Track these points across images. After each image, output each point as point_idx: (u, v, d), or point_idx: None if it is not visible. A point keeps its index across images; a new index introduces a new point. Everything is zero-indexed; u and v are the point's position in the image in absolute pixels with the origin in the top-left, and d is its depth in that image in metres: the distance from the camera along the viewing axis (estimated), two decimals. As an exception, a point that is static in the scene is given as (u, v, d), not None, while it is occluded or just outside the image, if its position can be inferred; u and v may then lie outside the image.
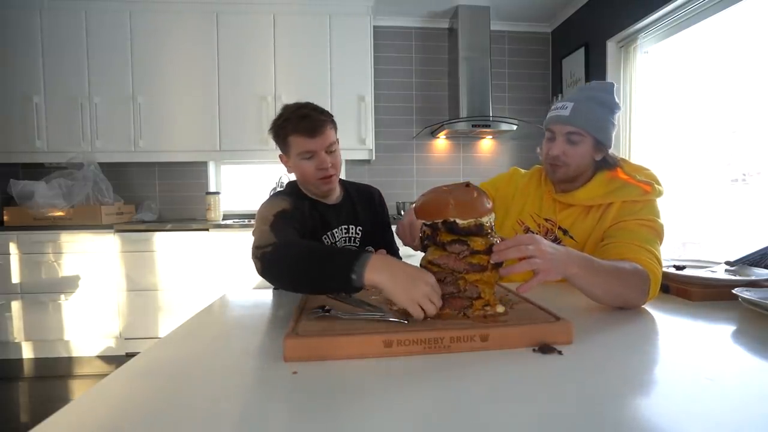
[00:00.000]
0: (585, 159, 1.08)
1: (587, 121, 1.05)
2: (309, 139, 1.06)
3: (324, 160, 1.08)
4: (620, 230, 1.00)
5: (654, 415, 0.47)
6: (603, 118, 1.06)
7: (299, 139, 1.06)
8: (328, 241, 1.16)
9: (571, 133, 1.06)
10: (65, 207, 2.64)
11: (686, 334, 0.77)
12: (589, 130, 1.05)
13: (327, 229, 1.16)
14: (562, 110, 1.06)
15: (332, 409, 0.48)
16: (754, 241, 1.54)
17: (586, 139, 1.06)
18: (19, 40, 2.77)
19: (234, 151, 2.95)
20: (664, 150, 2.56)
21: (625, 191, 1.05)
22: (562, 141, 1.07)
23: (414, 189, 3.41)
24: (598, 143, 1.07)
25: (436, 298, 0.69)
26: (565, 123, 1.06)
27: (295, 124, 1.06)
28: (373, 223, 1.26)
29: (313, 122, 1.06)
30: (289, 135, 1.08)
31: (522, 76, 3.48)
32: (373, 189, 1.34)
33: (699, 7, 2.16)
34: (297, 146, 1.07)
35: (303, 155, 1.08)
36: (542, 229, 1.17)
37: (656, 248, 0.96)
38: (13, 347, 2.66)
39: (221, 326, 0.86)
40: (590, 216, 1.09)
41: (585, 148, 1.06)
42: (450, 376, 0.57)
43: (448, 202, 0.74)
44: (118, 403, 0.51)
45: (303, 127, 1.05)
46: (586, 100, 1.06)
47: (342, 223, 1.19)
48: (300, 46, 2.93)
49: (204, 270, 2.67)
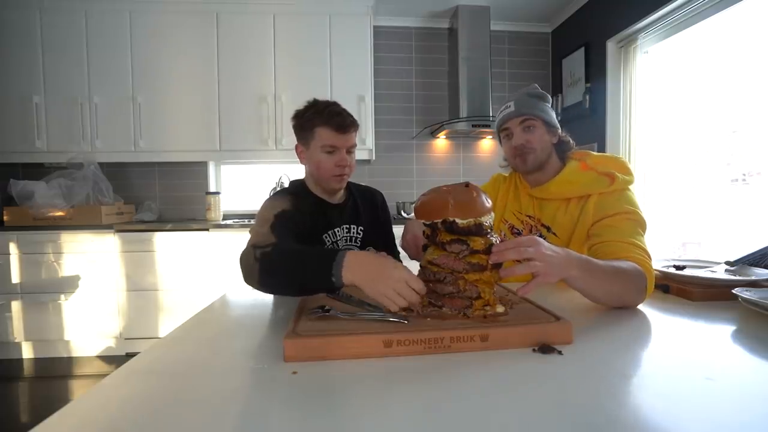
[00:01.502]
0: (544, 141, 1.17)
1: (532, 108, 1.16)
2: (337, 134, 1.10)
3: (344, 158, 1.12)
4: (605, 228, 1.02)
5: (654, 414, 0.47)
6: (541, 105, 1.18)
7: (327, 132, 1.10)
8: (329, 239, 1.17)
9: (524, 121, 1.16)
10: (65, 207, 2.64)
11: (686, 334, 0.77)
12: (536, 114, 1.16)
13: (329, 228, 1.18)
14: (508, 109, 1.18)
15: (332, 409, 0.48)
16: (754, 241, 1.54)
17: (538, 122, 1.16)
18: (19, 40, 2.77)
19: (234, 151, 2.95)
20: (664, 150, 2.56)
21: (597, 182, 1.09)
22: (519, 131, 1.16)
23: (414, 189, 3.41)
24: (548, 126, 1.17)
25: (407, 290, 0.70)
26: (516, 116, 1.16)
27: (327, 118, 1.10)
28: (374, 225, 1.28)
29: (345, 120, 1.11)
30: (317, 126, 1.11)
31: (522, 76, 3.48)
32: (375, 191, 1.36)
33: (699, 7, 2.16)
34: (323, 138, 1.10)
35: (326, 148, 1.11)
36: (526, 225, 1.22)
37: (642, 241, 0.99)
38: (13, 347, 2.66)
39: (221, 326, 0.86)
40: (570, 209, 1.13)
41: (540, 131, 1.16)
42: (450, 376, 0.57)
43: (447, 202, 0.74)
44: (118, 403, 0.51)
45: (335, 122, 1.09)
46: (522, 96, 1.19)
47: (344, 223, 1.21)
48: (300, 46, 2.93)
49: (204, 270, 2.67)
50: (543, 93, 1.21)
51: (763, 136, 2.02)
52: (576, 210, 1.12)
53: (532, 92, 1.20)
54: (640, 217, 1.03)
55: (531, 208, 1.22)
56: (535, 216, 1.20)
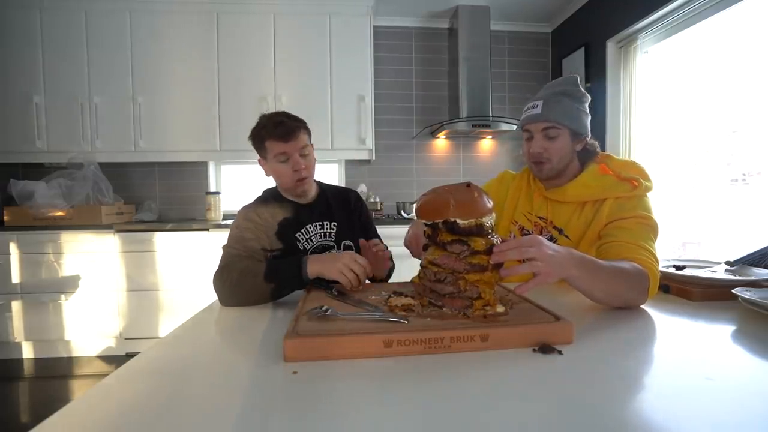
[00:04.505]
0: (565, 151, 1.10)
1: (559, 114, 1.08)
2: (284, 142, 1.15)
3: (297, 162, 1.17)
4: (617, 229, 1.01)
5: (654, 414, 0.47)
6: (573, 109, 1.09)
7: (275, 143, 1.16)
8: (302, 236, 1.21)
9: (547, 128, 1.09)
10: (65, 207, 2.64)
11: (686, 334, 0.77)
12: (562, 122, 1.08)
13: (300, 226, 1.22)
14: (534, 109, 1.10)
15: (332, 409, 0.48)
16: (754, 241, 1.54)
17: (563, 131, 1.09)
18: (19, 39, 2.77)
19: (234, 151, 2.94)
20: (664, 150, 2.56)
21: (616, 187, 1.06)
22: (540, 138, 1.10)
23: (414, 189, 3.40)
24: (574, 134, 1.10)
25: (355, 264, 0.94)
26: (539, 120, 1.09)
27: (271, 130, 1.16)
28: (349, 221, 1.31)
29: (287, 127, 1.16)
30: (265, 140, 1.17)
31: (522, 76, 3.47)
32: (350, 190, 1.40)
33: (699, 7, 2.16)
34: (273, 149, 1.17)
35: (279, 158, 1.17)
36: (536, 227, 1.18)
37: (652, 246, 0.97)
38: (14, 347, 2.66)
39: (221, 326, 0.86)
40: (585, 212, 1.10)
41: (563, 141, 1.09)
42: (450, 376, 0.57)
43: (448, 202, 0.74)
44: (118, 403, 0.51)
45: (278, 132, 1.15)
46: (553, 95, 1.10)
47: (316, 220, 1.25)
48: (300, 46, 2.93)
49: (204, 270, 2.67)
50: (579, 93, 1.11)
51: (763, 136, 2.02)
52: (590, 213, 1.09)
53: (567, 91, 1.10)
54: (653, 223, 1.01)
55: (543, 210, 1.18)
56: (548, 218, 1.16)
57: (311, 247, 1.21)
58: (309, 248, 1.21)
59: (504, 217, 1.26)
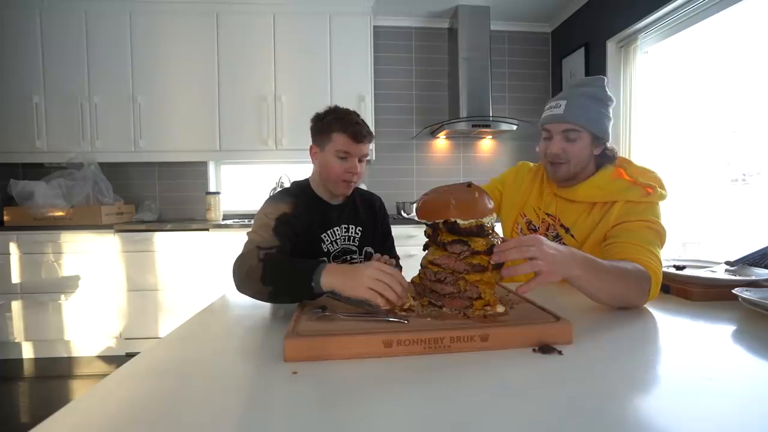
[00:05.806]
0: (584, 154, 1.08)
1: (581, 117, 1.05)
2: (353, 142, 1.14)
3: (354, 166, 1.16)
4: (623, 231, 1.00)
5: (654, 414, 0.47)
6: (597, 112, 1.06)
7: (344, 139, 1.13)
8: (328, 238, 1.19)
9: (568, 131, 1.06)
10: (65, 207, 2.64)
11: (686, 334, 0.77)
12: (584, 125, 1.05)
13: (328, 227, 1.20)
14: (556, 109, 1.07)
15: (332, 409, 0.48)
16: (754, 241, 1.54)
17: (583, 134, 1.06)
18: (19, 40, 2.77)
19: (234, 151, 2.94)
20: (664, 150, 2.56)
21: (628, 191, 1.04)
22: (559, 139, 1.08)
23: (414, 189, 3.40)
24: (595, 137, 1.08)
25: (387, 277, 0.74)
26: (561, 121, 1.06)
27: (346, 125, 1.14)
28: (372, 227, 1.30)
29: (362, 130, 1.15)
30: (335, 131, 1.14)
31: (522, 76, 3.47)
32: (375, 196, 1.39)
33: (699, 7, 2.16)
34: (338, 143, 1.14)
35: (340, 153, 1.14)
36: (544, 223, 1.18)
37: (657, 250, 0.96)
38: (13, 347, 2.66)
39: (221, 326, 0.86)
40: (593, 213, 1.09)
41: (583, 144, 1.07)
42: (450, 376, 0.57)
43: (449, 202, 0.74)
44: (118, 403, 0.51)
45: (352, 130, 1.13)
46: (578, 96, 1.07)
47: (343, 222, 1.23)
48: (300, 46, 2.93)
49: (204, 270, 2.67)
50: (604, 95, 1.08)
51: (763, 136, 2.01)
52: (599, 215, 1.08)
53: (592, 93, 1.07)
54: (661, 229, 0.99)
55: (553, 207, 1.17)
56: (556, 215, 1.16)
57: (335, 250, 1.20)
58: (333, 251, 1.19)
59: (515, 208, 1.25)
